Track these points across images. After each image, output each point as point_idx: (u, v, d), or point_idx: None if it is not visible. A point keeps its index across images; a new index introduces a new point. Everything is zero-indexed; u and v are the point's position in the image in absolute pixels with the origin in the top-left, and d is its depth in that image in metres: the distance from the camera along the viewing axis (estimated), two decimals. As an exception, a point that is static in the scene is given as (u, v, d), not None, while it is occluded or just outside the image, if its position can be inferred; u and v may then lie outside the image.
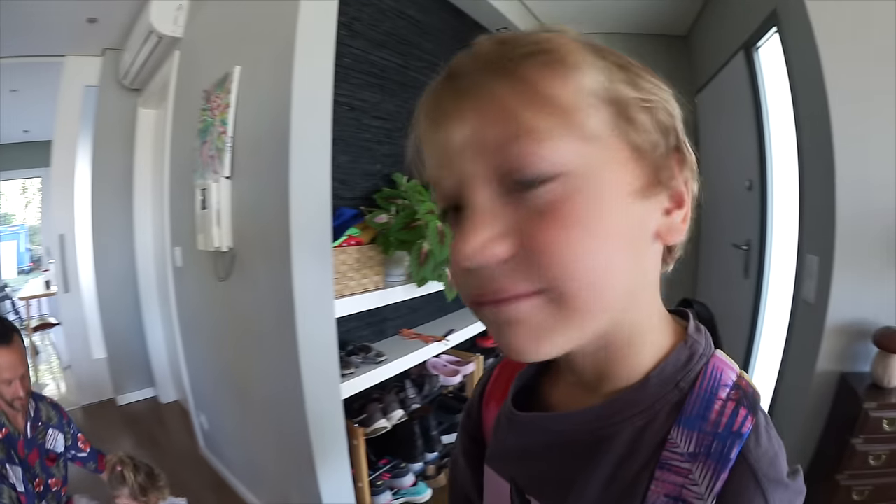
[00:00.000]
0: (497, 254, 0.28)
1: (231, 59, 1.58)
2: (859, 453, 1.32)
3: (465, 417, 0.52)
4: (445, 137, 0.30)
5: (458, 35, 2.18)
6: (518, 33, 0.31)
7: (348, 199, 1.58)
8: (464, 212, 0.30)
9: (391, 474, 1.61)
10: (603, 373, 0.35)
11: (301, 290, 1.27)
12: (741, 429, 0.31)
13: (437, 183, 0.33)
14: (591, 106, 0.29)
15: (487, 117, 0.29)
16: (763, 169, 1.96)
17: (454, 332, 1.83)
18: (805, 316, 1.60)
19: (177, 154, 2.08)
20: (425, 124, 0.33)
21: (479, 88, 0.29)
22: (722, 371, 0.34)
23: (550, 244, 0.28)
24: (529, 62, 0.29)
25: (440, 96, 0.32)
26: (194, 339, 2.11)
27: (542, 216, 0.28)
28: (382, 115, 1.72)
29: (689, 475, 0.30)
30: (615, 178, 0.30)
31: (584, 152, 0.28)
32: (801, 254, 1.64)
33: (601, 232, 0.29)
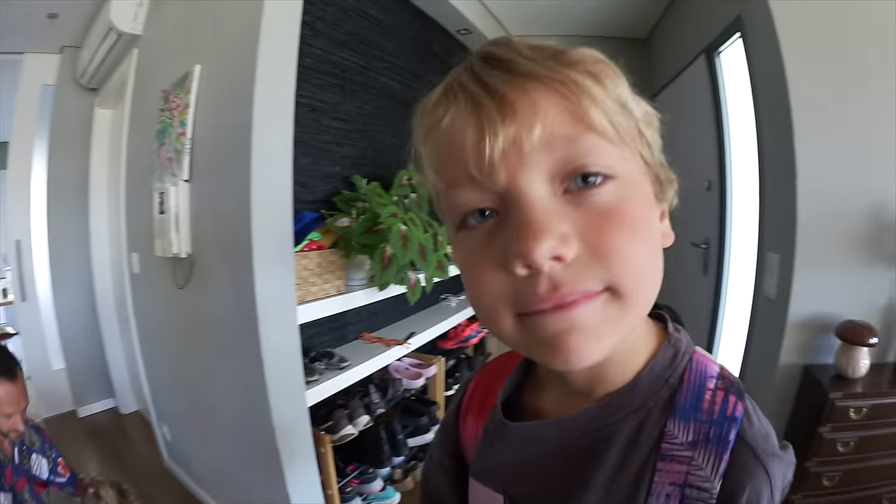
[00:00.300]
0: (569, 252, 0.28)
1: (191, 58, 1.53)
2: (827, 441, 1.39)
3: (442, 433, 0.51)
4: (513, 125, 0.28)
5: (418, 36, 2.18)
6: (546, 44, 0.31)
7: (308, 202, 1.56)
8: (515, 209, 0.29)
9: (359, 480, 1.59)
10: (598, 377, 0.36)
11: (263, 297, 1.24)
12: (734, 413, 0.33)
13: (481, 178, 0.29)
14: (625, 117, 0.31)
15: (557, 111, 0.28)
16: (722, 169, 2.03)
17: (415, 335, 1.82)
18: (766, 311, 1.67)
19: (133, 156, 2.01)
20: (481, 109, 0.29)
21: (543, 81, 0.28)
22: (706, 365, 0.37)
23: (618, 241, 0.28)
24: (578, 69, 0.29)
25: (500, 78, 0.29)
26: (154, 347, 2.04)
27: (606, 216, 0.29)
28: (342, 116, 1.70)
29: (691, 462, 0.32)
30: (646, 185, 0.32)
31: (625, 157, 0.30)
32: (761, 251, 1.71)
33: (651, 231, 0.31)
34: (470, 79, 0.30)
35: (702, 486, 0.32)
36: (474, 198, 0.30)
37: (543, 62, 0.29)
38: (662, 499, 0.33)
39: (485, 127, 0.28)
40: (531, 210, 0.28)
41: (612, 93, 0.30)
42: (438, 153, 0.32)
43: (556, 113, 0.28)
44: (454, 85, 0.31)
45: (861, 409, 1.37)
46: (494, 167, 0.28)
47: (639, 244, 0.30)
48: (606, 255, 0.28)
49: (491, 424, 0.43)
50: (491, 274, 0.30)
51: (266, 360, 1.26)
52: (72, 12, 2.24)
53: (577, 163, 0.29)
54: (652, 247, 0.31)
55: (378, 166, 1.89)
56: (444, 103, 0.31)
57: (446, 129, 0.30)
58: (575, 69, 0.29)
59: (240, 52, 1.28)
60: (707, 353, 0.38)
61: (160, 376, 2.05)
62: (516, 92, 0.28)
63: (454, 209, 0.32)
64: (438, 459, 0.50)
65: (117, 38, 2.05)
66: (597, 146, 0.29)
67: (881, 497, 1.47)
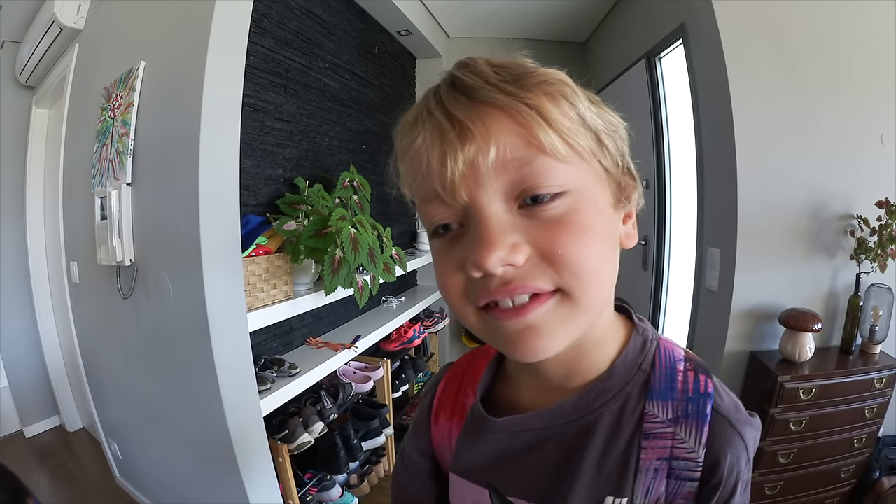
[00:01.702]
0: (519, 259, 0.31)
1: (136, 54, 1.45)
2: (779, 421, 1.47)
3: (414, 435, 0.53)
4: (470, 149, 0.31)
5: (360, 36, 2.18)
6: (512, 63, 0.34)
7: (252, 205, 1.51)
8: (473, 223, 0.32)
9: (318, 488, 1.56)
10: (572, 369, 0.39)
11: (213, 305, 1.19)
12: (707, 389, 0.37)
13: (444, 196, 0.33)
14: (581, 133, 0.33)
15: (511, 136, 0.31)
16: (660, 169, 2.11)
17: (361, 338, 1.81)
18: (709, 303, 1.74)
19: (72, 158, 1.89)
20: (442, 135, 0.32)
21: (498, 107, 0.31)
22: (672, 349, 0.41)
23: (565, 248, 0.31)
24: (538, 91, 0.32)
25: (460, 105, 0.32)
26: (98, 361, 1.93)
27: (556, 225, 0.32)
28: (285, 117, 1.66)
29: (674, 436, 0.36)
30: (601, 193, 0.35)
31: (581, 171, 0.33)
32: (701, 246, 1.78)
33: (599, 236, 0.33)
34: (437, 106, 0.33)
35: (688, 456, 0.36)
36: (442, 212, 0.34)
37: (503, 87, 0.32)
38: (651, 473, 0.36)
39: (447, 152, 0.31)
40: (487, 224, 0.32)
41: (569, 111, 0.33)
42: (412, 172, 0.35)
43: (509, 137, 0.31)
44: (423, 111, 0.34)
45: (811, 391, 1.46)
46: (456, 187, 0.32)
47: (586, 249, 0.32)
48: (554, 259, 0.31)
49: (471, 421, 0.45)
50: (454, 275, 0.35)
51: (219, 370, 1.21)
52: (14, 5, 2.10)
53: (527, 184, 0.31)
54: (601, 251, 0.33)
55: (319, 168, 1.86)
56: (416, 127, 0.34)
57: (417, 151, 0.34)
58: (532, 92, 0.32)
59: (189, 47, 1.23)
60: (671, 339, 0.42)
61: (106, 391, 1.94)
62: (474, 119, 0.31)
63: (427, 221, 0.36)
64: (411, 460, 0.52)
65: (59, 31, 1.94)
66: (547, 168, 0.31)
67: (839, 470, 1.56)
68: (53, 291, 2.58)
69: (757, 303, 1.61)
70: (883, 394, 1.52)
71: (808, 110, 1.56)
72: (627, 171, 0.38)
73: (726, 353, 1.63)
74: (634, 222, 0.40)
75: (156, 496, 1.86)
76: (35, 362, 2.64)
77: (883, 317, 1.57)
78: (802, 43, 1.55)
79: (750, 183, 1.55)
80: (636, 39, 2.22)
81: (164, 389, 1.50)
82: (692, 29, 1.75)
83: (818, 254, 1.62)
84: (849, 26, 1.55)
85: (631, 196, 0.39)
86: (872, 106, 1.58)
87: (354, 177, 1.76)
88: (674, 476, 0.36)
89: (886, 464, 1.63)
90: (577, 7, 2.50)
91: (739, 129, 1.53)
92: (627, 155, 0.38)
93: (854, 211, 1.58)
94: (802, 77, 1.55)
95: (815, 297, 1.63)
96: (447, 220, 0.34)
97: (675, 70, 1.97)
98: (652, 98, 2.11)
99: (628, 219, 0.39)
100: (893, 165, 1.60)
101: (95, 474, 2.23)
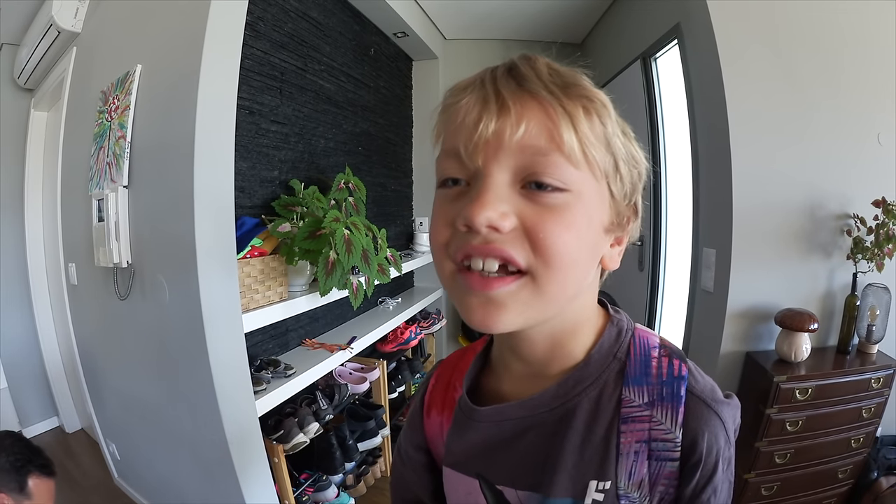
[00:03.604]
0: (505, 225, 0.34)
1: (132, 57, 1.46)
2: (775, 421, 1.47)
3: (408, 429, 0.55)
4: (503, 123, 0.34)
5: (357, 39, 2.18)
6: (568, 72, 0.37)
7: (248, 207, 1.52)
8: (477, 185, 0.35)
9: (314, 488, 1.56)
10: (550, 356, 0.41)
11: (209, 306, 1.20)
12: (681, 372, 0.39)
13: (463, 154, 0.36)
14: (602, 152, 0.36)
15: (539, 126, 0.34)
16: (655, 169, 2.12)
17: (357, 339, 1.82)
18: (705, 303, 1.73)
19: (70, 161, 1.90)
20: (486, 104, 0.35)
21: (539, 100, 0.34)
22: (647, 338, 0.43)
23: (547, 232, 0.34)
24: (577, 101, 0.35)
25: (509, 86, 0.35)
26: (96, 362, 1.93)
27: (548, 211, 0.34)
28: (280, 119, 1.66)
29: (651, 419, 0.38)
30: (599, 210, 0.37)
31: (588, 183, 0.36)
32: (696, 247, 1.77)
33: (581, 241, 0.35)
34: (490, 81, 0.36)
35: (665, 437, 0.38)
36: (455, 167, 0.37)
37: (550, 86, 0.35)
38: (632, 456, 0.38)
39: (483, 117, 0.34)
40: (487, 188, 0.34)
41: (597, 128, 0.36)
42: (446, 125, 0.38)
43: (537, 127, 0.34)
44: (478, 81, 0.37)
45: (807, 391, 1.46)
46: (477, 149, 0.35)
47: (564, 243, 0.34)
48: (534, 239, 0.34)
49: (459, 413, 0.47)
50: (443, 228, 0.37)
51: (215, 371, 1.22)
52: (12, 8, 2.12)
53: (536, 170, 0.34)
54: (578, 251, 0.35)
55: (314, 170, 1.87)
56: (466, 91, 0.37)
57: (457, 108, 0.36)
58: (572, 100, 0.35)
59: (184, 50, 1.24)
60: (647, 328, 0.44)
61: (105, 392, 1.95)
62: (515, 101, 0.34)
63: (441, 171, 0.39)
64: (407, 454, 0.54)
65: (56, 34, 1.95)
66: (559, 164, 0.34)
67: (836, 470, 1.55)
68: (52, 293, 2.59)
69: (753, 303, 1.61)
70: (880, 394, 1.52)
71: (804, 110, 1.56)
72: (633, 205, 0.41)
73: (722, 354, 1.63)
74: (622, 250, 0.42)
75: (154, 497, 1.86)
76: (34, 364, 2.64)
77: (880, 316, 1.57)
78: (797, 43, 1.55)
79: (745, 183, 1.55)
80: (632, 40, 2.23)
81: (161, 390, 1.51)
82: (687, 29, 1.75)
83: (814, 254, 1.61)
84: (843, 26, 1.55)
85: (626, 227, 0.41)
86: (868, 105, 1.58)
87: (350, 179, 1.76)
88: (654, 457, 0.38)
89: (884, 464, 1.62)
90: (574, 8, 2.51)
91: (734, 128, 1.53)
92: (639, 192, 0.41)
93: (850, 210, 1.58)
94: (797, 77, 1.55)
95: (811, 297, 1.63)
96: (458, 175, 0.37)
97: (671, 70, 1.97)
98: (647, 98, 2.11)
99: (617, 244, 0.41)
100: (890, 164, 1.60)
101: (94, 475, 2.23)
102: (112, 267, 1.47)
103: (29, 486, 1.04)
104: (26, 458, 1.07)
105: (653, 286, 2.21)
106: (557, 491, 0.39)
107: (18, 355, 2.59)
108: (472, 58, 2.90)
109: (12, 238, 2.54)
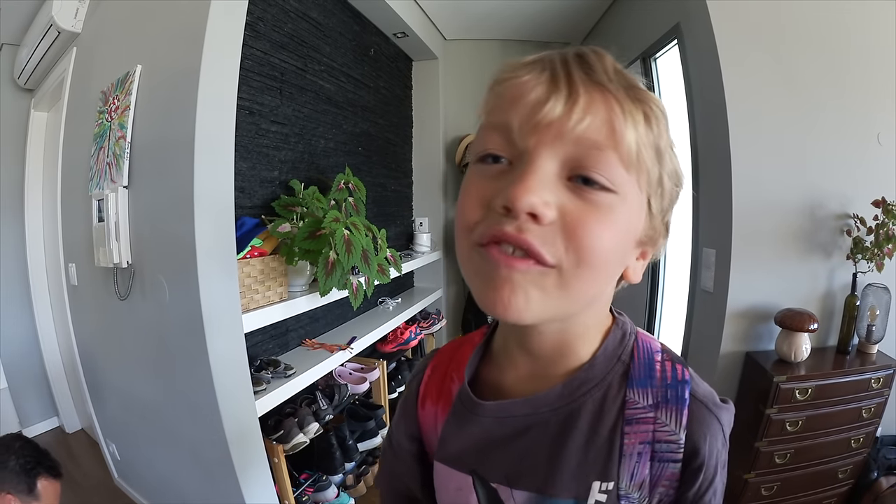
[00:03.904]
0: (547, 215, 0.32)
1: (132, 57, 1.46)
2: (775, 421, 1.47)
3: (402, 417, 0.53)
4: (561, 109, 0.32)
5: (357, 39, 2.18)
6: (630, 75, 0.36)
7: (248, 207, 1.52)
8: (521, 167, 0.33)
9: (314, 488, 1.57)
10: (558, 356, 0.41)
11: (209, 306, 1.20)
12: (684, 376, 0.40)
13: (514, 133, 0.34)
14: (653, 162, 0.35)
15: (600, 120, 0.32)
16: None
17: (357, 340, 1.82)
18: (705, 303, 1.73)
19: (70, 161, 1.90)
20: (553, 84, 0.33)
21: (605, 95, 0.33)
22: (650, 342, 0.43)
23: (590, 230, 0.32)
24: (640, 106, 0.34)
25: (580, 73, 0.33)
26: (97, 363, 1.93)
27: (593, 209, 0.32)
28: (280, 119, 1.66)
29: (656, 420, 0.38)
30: (637, 221, 0.36)
31: (632, 187, 0.34)
32: (696, 247, 1.77)
33: (616, 245, 0.34)
34: (560, 64, 0.34)
35: (669, 439, 0.38)
36: (500, 144, 0.35)
37: (617, 84, 0.33)
38: (636, 457, 0.38)
39: (550, 97, 0.32)
40: (533, 174, 0.32)
41: (653, 137, 0.35)
42: (500, 99, 0.35)
43: (599, 121, 0.32)
44: (546, 60, 0.35)
45: (807, 391, 1.46)
46: (534, 130, 0.33)
47: (603, 242, 0.33)
48: (572, 235, 0.32)
49: (459, 405, 0.46)
50: (476, 205, 0.35)
51: (214, 371, 1.22)
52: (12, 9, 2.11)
53: (587, 164, 0.32)
54: (610, 255, 0.34)
55: (314, 170, 1.87)
56: (529, 68, 0.35)
57: (517, 84, 0.34)
58: (635, 102, 0.34)
59: (184, 51, 1.24)
60: (648, 333, 0.45)
61: (105, 393, 1.95)
62: (586, 90, 0.33)
63: (481, 144, 0.36)
64: (399, 444, 0.53)
65: (57, 35, 1.95)
66: (612, 163, 0.33)
67: (836, 470, 1.55)
68: (52, 293, 2.59)
69: (753, 303, 1.61)
70: (880, 394, 1.52)
71: (804, 110, 1.56)
72: (665, 223, 0.40)
73: (722, 354, 1.63)
74: (645, 265, 0.42)
75: (154, 497, 1.86)
76: (34, 364, 2.64)
77: (880, 316, 1.57)
78: (797, 43, 1.55)
79: (745, 183, 1.55)
80: (632, 40, 2.23)
81: (161, 390, 1.51)
82: (687, 29, 1.75)
83: (814, 254, 1.61)
84: (844, 26, 1.55)
85: (656, 243, 0.40)
86: (868, 105, 1.58)
87: (350, 179, 1.76)
88: (657, 458, 0.38)
89: (884, 464, 1.62)
90: (573, 8, 2.50)
91: (734, 128, 1.53)
92: (671, 211, 0.40)
93: (850, 210, 1.58)
94: (797, 77, 1.55)
95: (811, 298, 1.63)
96: (501, 152, 0.35)
97: (671, 70, 1.97)
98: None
99: (642, 258, 0.41)
100: (889, 164, 1.60)
101: (94, 475, 2.23)
102: (112, 267, 1.47)
103: (38, 487, 1.05)
104: (35, 461, 1.08)
105: (653, 286, 2.21)
106: (560, 492, 0.39)
107: (18, 355, 2.59)
108: (472, 58, 2.91)
109: (12, 238, 2.54)
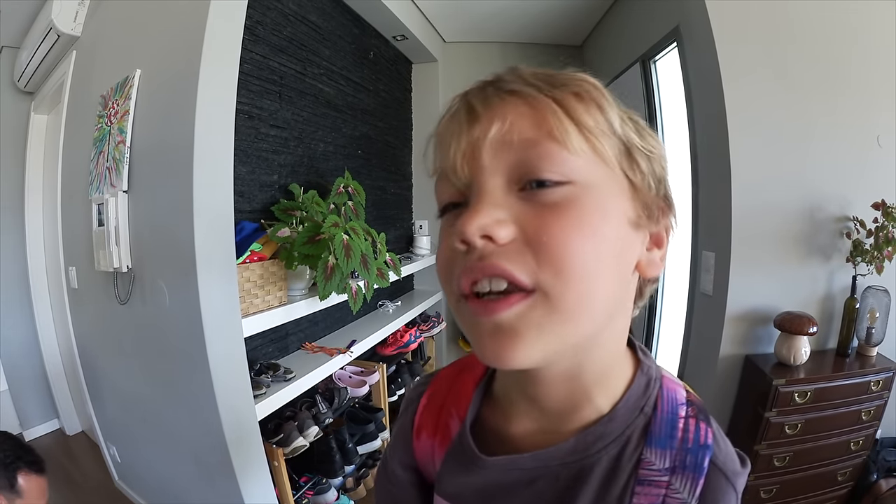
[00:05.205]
0: (500, 235, 0.30)
1: (132, 62, 1.47)
2: (774, 425, 1.47)
3: (396, 447, 0.50)
4: (475, 129, 0.32)
5: (356, 42, 2.18)
6: (549, 70, 0.35)
7: (247, 211, 1.52)
8: (471, 199, 0.32)
9: (314, 492, 1.57)
10: (571, 407, 0.37)
11: (208, 311, 1.20)
12: (707, 440, 0.36)
13: (449, 173, 0.34)
14: (606, 136, 0.33)
15: (523, 119, 0.31)
16: None
17: (356, 343, 1.82)
18: (704, 306, 1.73)
19: (70, 165, 1.90)
20: (457, 118, 0.34)
21: (521, 96, 0.32)
22: (675, 391, 0.39)
23: (551, 236, 0.29)
24: (567, 90, 0.32)
25: (482, 94, 0.33)
26: (97, 366, 1.94)
27: (549, 211, 0.30)
28: (279, 123, 1.67)
29: (669, 486, 0.35)
30: (615, 201, 0.33)
31: (594, 169, 0.32)
32: (695, 250, 1.77)
33: (598, 238, 0.31)
34: (474, 91, 0.34)
35: None
36: (448, 191, 0.35)
37: (534, 82, 0.32)
38: None
39: (454, 132, 0.33)
40: (480, 199, 0.31)
41: (595, 113, 0.32)
42: (436, 151, 0.36)
43: (519, 119, 0.31)
44: (460, 96, 0.35)
45: (806, 394, 1.46)
46: (458, 165, 0.33)
47: (575, 244, 0.30)
48: (537, 247, 0.30)
49: (459, 450, 0.42)
50: (444, 251, 0.34)
51: (214, 375, 1.22)
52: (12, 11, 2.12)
53: (530, 166, 0.31)
54: (596, 253, 0.31)
55: (314, 174, 1.87)
56: (450, 110, 0.35)
57: (443, 129, 0.35)
58: (558, 88, 0.32)
59: (183, 55, 1.24)
60: (672, 376, 0.41)
61: (105, 395, 1.95)
62: (486, 104, 0.32)
63: (438, 199, 0.37)
64: (394, 474, 0.50)
65: (56, 38, 1.95)
66: (553, 153, 0.31)
67: (835, 473, 1.55)
68: (52, 296, 2.59)
69: (752, 306, 1.61)
70: (880, 396, 1.52)
71: (803, 112, 1.56)
72: (663, 197, 0.37)
73: (721, 357, 1.63)
74: (664, 254, 0.38)
75: (154, 499, 1.86)
76: (34, 366, 2.64)
77: (880, 319, 1.57)
78: (797, 45, 1.55)
79: (744, 186, 1.55)
80: (631, 42, 2.23)
81: (161, 394, 1.51)
82: (686, 31, 1.75)
83: (814, 256, 1.61)
84: (844, 28, 1.55)
85: (659, 219, 0.37)
86: (868, 107, 1.58)
87: (349, 182, 1.77)
88: None
89: (884, 466, 1.62)
90: (573, 10, 2.51)
91: (734, 131, 1.53)
92: (666, 183, 0.38)
93: (850, 213, 1.58)
94: (797, 79, 1.55)
95: (810, 300, 1.63)
96: (454, 198, 0.34)
97: (670, 73, 1.97)
98: (647, 101, 2.11)
99: (656, 247, 0.37)
100: (889, 167, 1.60)
101: (94, 477, 2.23)
102: (112, 271, 1.47)
103: (19, 483, 1.03)
104: (15, 455, 1.06)
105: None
106: None
107: (19, 358, 2.59)
108: (472, 60, 2.91)
109: (13, 241, 2.54)
